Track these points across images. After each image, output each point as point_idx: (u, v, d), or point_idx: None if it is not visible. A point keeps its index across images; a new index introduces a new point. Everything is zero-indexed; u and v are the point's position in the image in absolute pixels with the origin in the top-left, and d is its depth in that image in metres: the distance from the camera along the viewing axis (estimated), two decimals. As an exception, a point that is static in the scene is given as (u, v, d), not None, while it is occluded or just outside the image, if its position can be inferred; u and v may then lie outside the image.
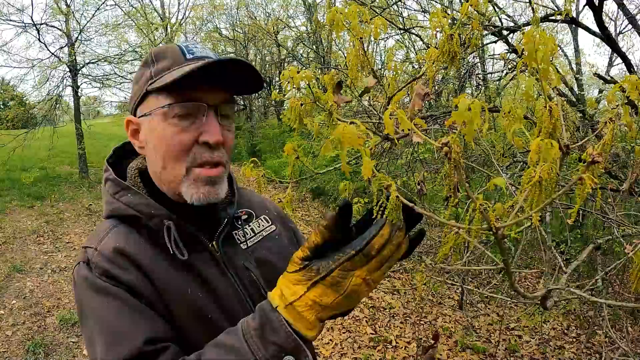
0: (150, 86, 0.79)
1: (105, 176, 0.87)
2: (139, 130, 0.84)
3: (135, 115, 0.85)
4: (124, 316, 0.73)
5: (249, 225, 0.96)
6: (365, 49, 0.95)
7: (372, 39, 0.91)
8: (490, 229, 0.54)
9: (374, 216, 0.64)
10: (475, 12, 1.05)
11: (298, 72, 0.96)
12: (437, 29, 0.88)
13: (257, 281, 0.87)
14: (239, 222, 0.93)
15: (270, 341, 0.65)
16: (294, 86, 0.97)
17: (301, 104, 0.95)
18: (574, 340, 4.12)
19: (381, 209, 0.62)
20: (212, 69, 0.75)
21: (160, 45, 0.86)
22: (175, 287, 0.78)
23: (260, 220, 0.99)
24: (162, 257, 0.79)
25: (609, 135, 0.54)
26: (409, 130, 0.46)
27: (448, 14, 0.90)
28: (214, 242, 0.86)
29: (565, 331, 4.27)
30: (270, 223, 1.00)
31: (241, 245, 0.91)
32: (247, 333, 0.67)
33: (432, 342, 0.86)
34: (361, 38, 0.88)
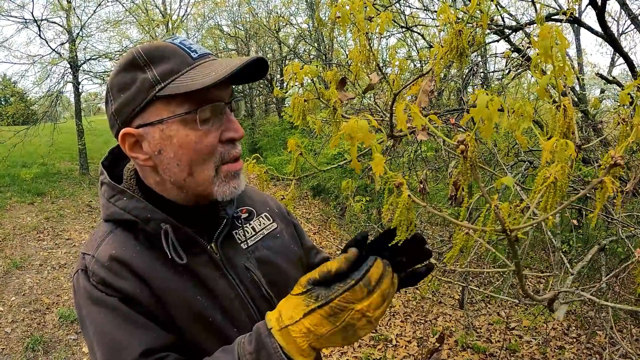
0: (160, 92, 0.73)
1: (101, 179, 0.86)
2: (140, 142, 0.77)
3: (129, 126, 0.77)
4: (120, 328, 0.73)
5: (250, 224, 0.94)
6: (370, 44, 0.93)
7: (378, 34, 0.89)
8: (504, 231, 0.53)
9: (385, 221, 0.64)
10: (479, 12, 1.03)
11: (301, 68, 0.94)
12: (445, 25, 0.86)
13: (259, 281, 0.86)
14: (239, 221, 0.92)
15: None
16: (297, 82, 0.96)
17: (304, 101, 0.93)
18: (575, 340, 4.11)
19: (392, 207, 0.62)
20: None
21: (146, 44, 0.81)
22: (174, 291, 0.77)
23: (261, 218, 0.97)
24: (161, 261, 0.78)
25: (632, 137, 0.52)
26: (422, 126, 0.44)
27: (452, 13, 0.88)
28: (212, 244, 0.85)
29: (566, 331, 4.26)
30: (271, 220, 0.99)
31: (241, 244, 0.89)
32: (242, 356, 0.69)
33: (437, 345, 0.85)
34: (367, 33, 0.86)
